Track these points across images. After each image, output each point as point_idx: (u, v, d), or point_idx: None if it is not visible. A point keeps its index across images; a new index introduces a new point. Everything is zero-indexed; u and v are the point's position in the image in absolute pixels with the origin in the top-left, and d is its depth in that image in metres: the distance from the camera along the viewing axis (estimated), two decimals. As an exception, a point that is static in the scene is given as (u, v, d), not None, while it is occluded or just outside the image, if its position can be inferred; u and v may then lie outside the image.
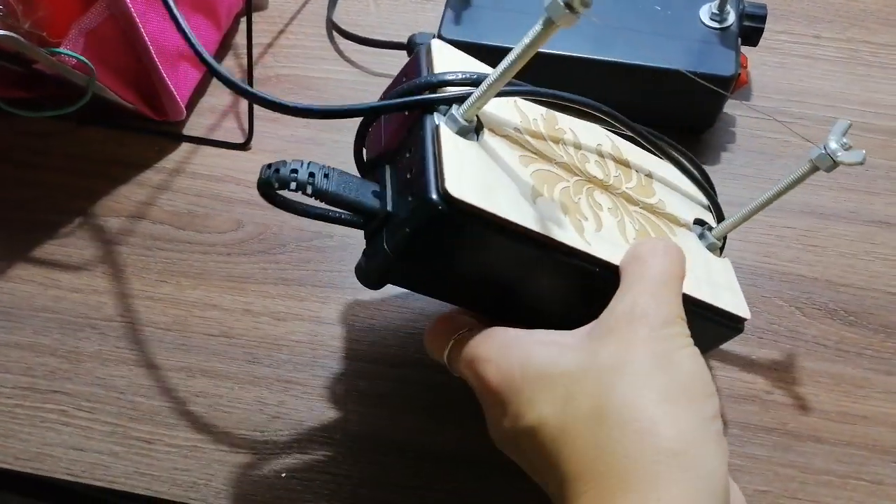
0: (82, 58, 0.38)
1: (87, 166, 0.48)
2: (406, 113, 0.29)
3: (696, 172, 0.36)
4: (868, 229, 0.44)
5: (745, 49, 0.45)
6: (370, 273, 0.29)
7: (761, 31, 0.45)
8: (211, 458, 0.38)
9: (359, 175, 0.33)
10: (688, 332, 0.27)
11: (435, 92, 0.28)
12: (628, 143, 0.37)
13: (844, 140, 0.31)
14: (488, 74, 0.27)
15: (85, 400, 0.40)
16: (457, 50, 0.33)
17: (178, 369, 0.40)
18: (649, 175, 0.36)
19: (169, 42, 0.44)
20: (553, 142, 0.32)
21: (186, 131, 0.49)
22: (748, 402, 0.38)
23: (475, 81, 0.28)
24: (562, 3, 0.23)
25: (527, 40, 0.25)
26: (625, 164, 0.35)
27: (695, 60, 0.43)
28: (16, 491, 0.51)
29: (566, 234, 0.28)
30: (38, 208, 0.46)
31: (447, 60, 0.31)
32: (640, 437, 0.24)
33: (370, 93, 0.50)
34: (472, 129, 0.28)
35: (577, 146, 0.33)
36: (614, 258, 0.29)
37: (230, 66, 0.52)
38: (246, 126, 0.48)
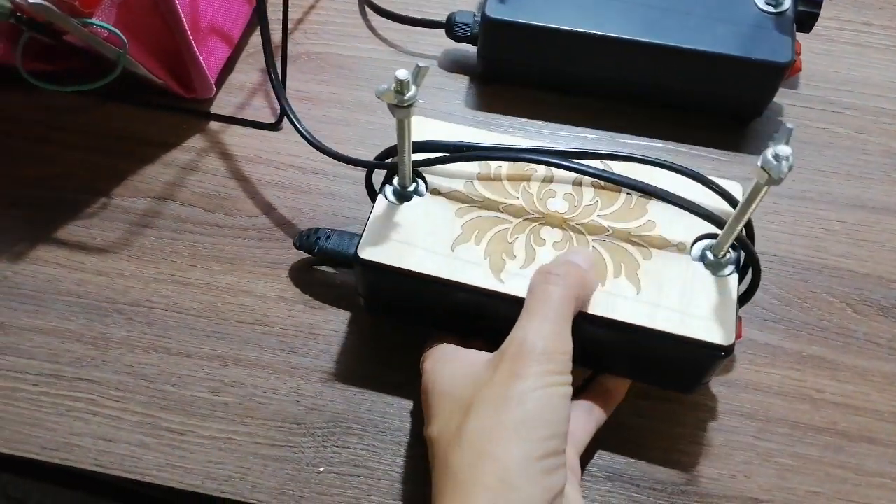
0: (115, 29, 0.37)
1: (112, 144, 0.46)
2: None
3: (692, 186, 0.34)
4: (919, 224, 0.43)
5: (798, 36, 0.44)
6: (365, 306, 0.38)
7: (817, 16, 0.43)
8: (246, 450, 0.36)
9: None
10: (562, 368, 0.29)
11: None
12: (633, 164, 0.35)
13: (778, 150, 0.27)
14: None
15: (113, 388, 0.38)
16: (430, 121, 0.38)
17: (211, 358, 0.39)
18: (649, 197, 0.35)
19: (201, 16, 0.42)
20: (513, 185, 0.36)
21: (214, 109, 0.47)
22: (799, 400, 0.37)
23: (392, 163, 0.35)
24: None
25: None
26: (611, 188, 0.35)
27: (749, 46, 0.41)
28: (35, 477, 0.50)
29: (473, 275, 0.33)
30: (60, 187, 0.44)
31: (425, 131, 0.37)
32: (472, 463, 0.27)
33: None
34: (412, 192, 0.35)
35: (548, 181, 0.36)
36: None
37: (260, 43, 0.50)
38: (277, 105, 0.46)
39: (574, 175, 0.36)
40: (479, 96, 0.48)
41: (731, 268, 0.33)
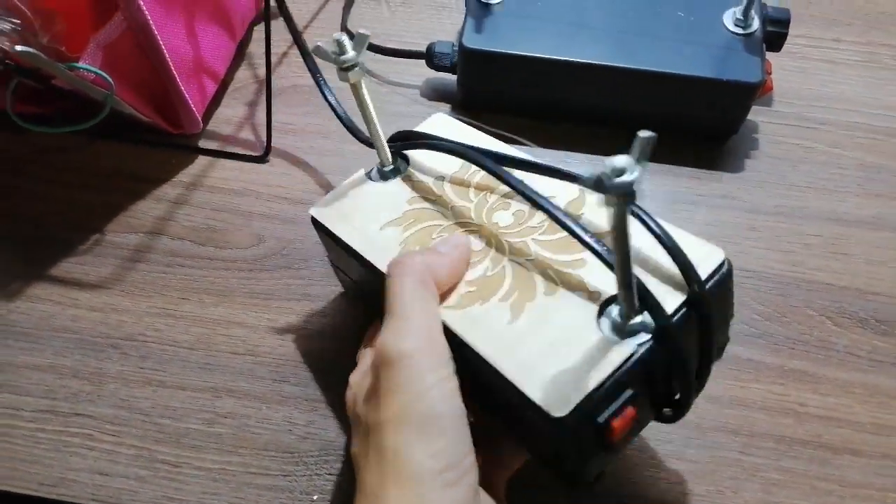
0: (101, 72, 0.38)
1: (103, 181, 0.47)
2: None
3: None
4: (895, 236, 0.44)
5: (767, 55, 0.45)
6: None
7: (785, 35, 0.44)
8: (241, 480, 0.37)
9: None
10: (439, 362, 0.27)
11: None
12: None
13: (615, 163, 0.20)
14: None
15: (109, 423, 0.39)
16: (459, 123, 0.38)
17: (204, 389, 0.40)
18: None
19: (185, 54, 0.43)
20: (475, 192, 0.35)
21: (202, 144, 0.48)
22: (782, 414, 0.38)
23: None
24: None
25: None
26: (578, 213, 0.32)
27: (720, 67, 0.43)
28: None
29: (380, 255, 0.32)
30: (53, 224, 0.45)
31: (433, 127, 0.38)
32: (379, 471, 0.26)
33: (387, 102, 0.50)
34: (391, 172, 0.37)
35: (510, 196, 0.34)
36: None
37: (245, 77, 0.51)
38: (263, 138, 0.47)
39: (546, 191, 0.31)
40: (461, 123, 0.49)
41: (639, 336, 0.26)
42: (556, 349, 0.27)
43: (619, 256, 0.24)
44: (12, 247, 0.44)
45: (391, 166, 0.37)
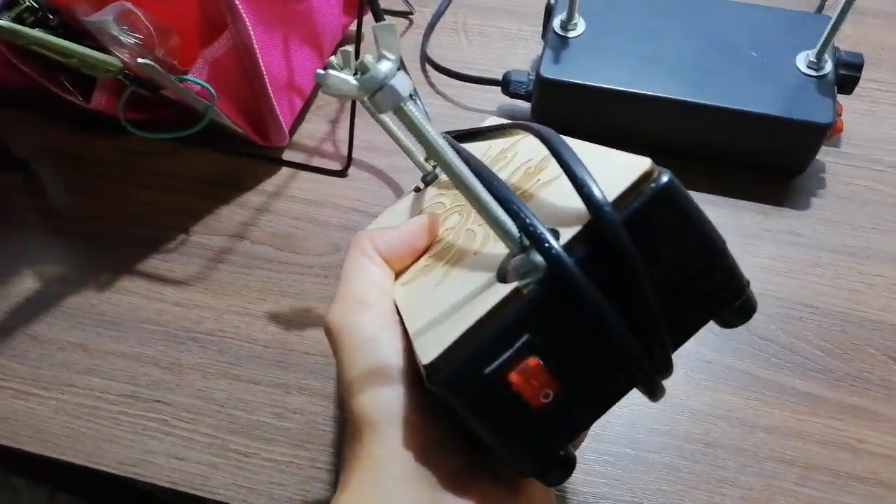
0: (207, 85, 0.41)
1: (191, 186, 0.50)
2: None
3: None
4: (961, 281, 0.44)
5: (839, 97, 0.46)
6: None
7: (857, 79, 0.45)
8: (307, 474, 0.39)
9: None
10: (376, 310, 0.27)
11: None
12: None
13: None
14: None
15: (186, 411, 0.41)
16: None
17: (276, 385, 0.42)
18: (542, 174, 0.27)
19: (279, 72, 0.46)
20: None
21: (286, 156, 0.51)
22: (840, 449, 0.38)
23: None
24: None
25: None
26: (536, 171, 0.28)
27: (791, 107, 0.44)
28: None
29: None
30: (143, 224, 0.48)
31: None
32: (351, 440, 0.26)
33: (462, 126, 0.52)
34: (430, 179, 0.40)
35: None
36: None
37: (328, 97, 0.54)
38: (344, 153, 0.50)
39: (526, 158, 0.29)
40: (531, 148, 0.51)
41: (529, 277, 0.22)
42: (454, 308, 0.24)
43: (453, 180, 0.21)
44: (105, 243, 0.48)
45: (429, 174, 0.40)
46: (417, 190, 0.40)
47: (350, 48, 0.33)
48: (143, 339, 0.44)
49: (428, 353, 0.22)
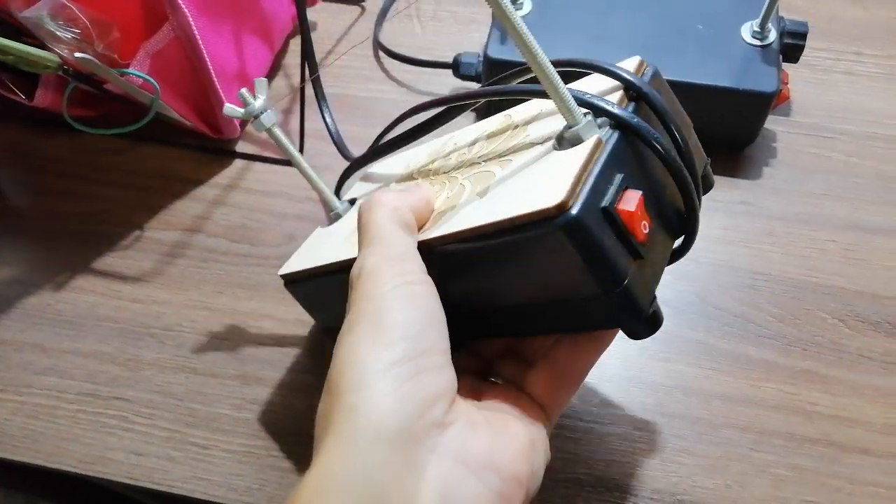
0: (148, 77, 0.41)
1: (145, 182, 0.50)
2: None
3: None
4: (912, 243, 0.44)
5: (786, 66, 0.46)
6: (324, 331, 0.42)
7: (802, 48, 0.45)
8: (264, 463, 0.39)
9: None
10: (406, 268, 0.26)
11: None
12: (532, 104, 0.33)
13: None
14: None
15: (144, 406, 0.41)
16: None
17: (234, 377, 0.42)
18: (535, 117, 0.31)
19: (227, 63, 0.46)
20: (422, 173, 0.36)
21: (239, 148, 0.51)
22: (793, 413, 0.39)
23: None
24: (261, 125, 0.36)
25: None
26: (508, 127, 0.32)
27: (737, 77, 0.44)
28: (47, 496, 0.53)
29: (347, 252, 0.33)
30: (99, 222, 0.48)
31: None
32: (319, 419, 0.24)
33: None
34: (337, 214, 0.40)
35: (449, 155, 0.34)
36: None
37: (281, 86, 0.54)
38: (297, 142, 0.50)
39: (475, 136, 0.34)
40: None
41: (599, 132, 0.26)
42: (526, 181, 0.26)
43: (527, 57, 0.24)
44: (61, 242, 0.48)
45: (338, 210, 0.40)
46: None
47: (263, 80, 0.36)
48: (101, 337, 0.44)
49: (549, 199, 0.23)
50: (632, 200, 0.24)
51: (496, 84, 0.34)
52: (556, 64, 0.27)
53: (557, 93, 0.25)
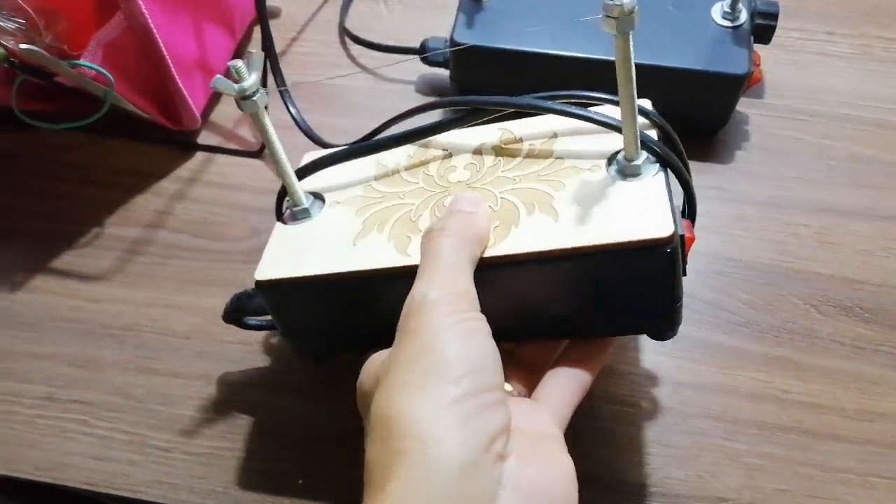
0: (101, 69, 0.39)
1: (104, 177, 0.48)
2: None
3: (591, 115, 0.31)
4: (884, 225, 0.44)
5: (758, 47, 0.45)
6: (297, 353, 0.37)
7: (773, 28, 0.44)
8: (229, 465, 0.38)
9: None
10: (467, 307, 0.26)
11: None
12: (534, 118, 0.35)
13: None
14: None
15: (104, 409, 0.40)
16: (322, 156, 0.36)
17: (197, 377, 0.41)
18: (551, 138, 0.34)
19: (185, 52, 0.45)
20: (411, 174, 0.35)
21: (201, 140, 0.49)
22: (765, 401, 0.38)
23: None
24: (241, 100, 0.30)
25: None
26: (516, 143, 0.34)
27: (708, 59, 0.43)
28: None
29: (373, 259, 0.31)
30: (56, 219, 0.47)
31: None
32: (380, 441, 0.24)
33: (384, 98, 0.51)
34: (305, 210, 0.35)
35: (446, 161, 0.35)
36: None
37: (243, 75, 0.52)
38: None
39: (475, 144, 0.35)
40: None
41: (653, 168, 0.30)
42: (612, 208, 0.29)
43: (625, 80, 0.27)
44: (16, 241, 0.46)
45: (304, 206, 0.35)
46: (286, 222, 0.35)
47: (258, 53, 0.32)
48: (58, 339, 0.42)
49: (658, 230, 0.27)
50: (688, 227, 0.30)
51: (545, 98, 0.33)
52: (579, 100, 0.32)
53: (633, 132, 0.29)
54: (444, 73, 0.50)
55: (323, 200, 0.36)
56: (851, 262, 0.42)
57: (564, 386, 0.31)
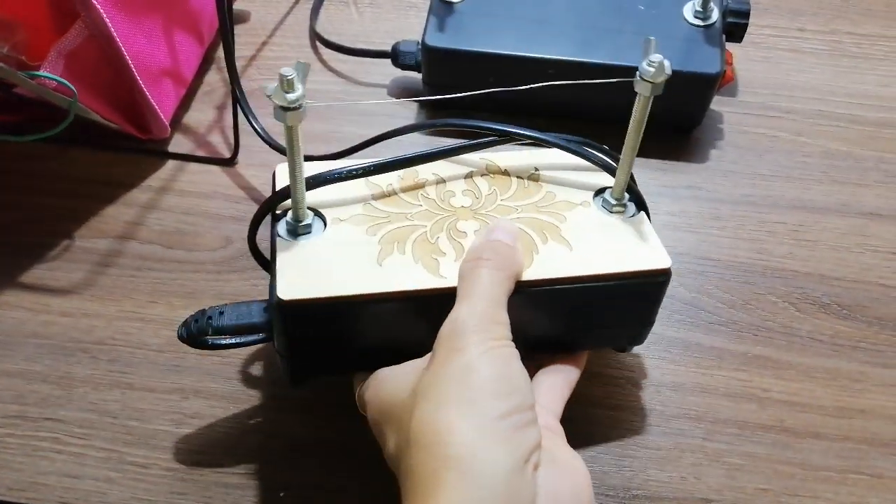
0: (62, 80, 0.38)
1: (74, 188, 0.47)
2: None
3: (563, 146, 0.36)
4: (859, 222, 0.44)
5: (730, 45, 0.45)
6: (287, 377, 0.34)
7: (745, 26, 0.45)
8: (208, 480, 0.37)
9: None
10: (502, 335, 0.28)
11: (274, 211, 0.34)
12: (511, 151, 0.38)
13: (651, 58, 0.30)
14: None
15: (78, 426, 0.39)
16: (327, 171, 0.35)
17: (172, 391, 0.40)
18: (535, 172, 0.37)
19: (151, 60, 0.44)
20: (411, 195, 0.35)
21: (172, 148, 0.49)
22: (745, 400, 0.38)
23: (286, 195, 0.32)
24: (281, 111, 0.27)
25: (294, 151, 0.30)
26: (503, 174, 0.37)
27: (680, 59, 0.43)
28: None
29: (412, 279, 0.31)
30: (24, 232, 0.46)
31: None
32: (426, 450, 0.26)
33: (356, 103, 0.50)
34: (309, 224, 0.33)
35: (442, 185, 0.36)
36: None
37: (214, 81, 0.51)
38: (232, 141, 0.47)
39: (464, 171, 0.37)
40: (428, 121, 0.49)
41: (632, 207, 0.35)
42: (613, 242, 0.33)
43: (634, 133, 0.32)
44: (-16, 255, 0.45)
45: (308, 221, 0.33)
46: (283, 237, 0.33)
47: (304, 62, 0.29)
48: (29, 355, 0.41)
49: (662, 261, 0.33)
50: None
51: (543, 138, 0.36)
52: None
53: (625, 178, 0.34)
54: (415, 76, 0.50)
55: (321, 217, 0.34)
56: (828, 258, 0.43)
57: (555, 382, 0.34)
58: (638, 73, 0.30)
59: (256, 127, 0.45)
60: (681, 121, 0.46)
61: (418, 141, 0.48)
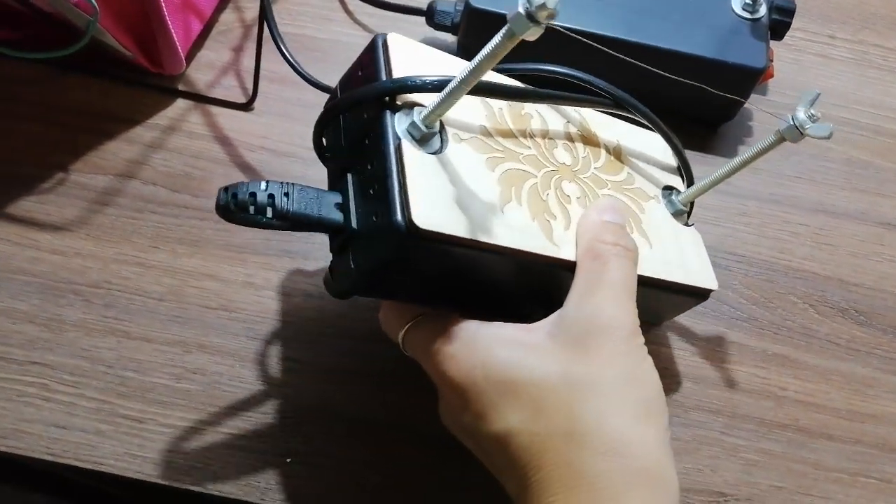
0: (85, -5, 0.35)
1: (71, 118, 0.44)
2: (364, 115, 0.28)
3: (670, 134, 0.36)
4: (877, 230, 0.44)
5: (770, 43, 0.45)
6: (339, 289, 0.29)
7: (789, 25, 0.44)
8: (209, 440, 0.35)
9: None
10: (643, 340, 0.28)
11: (393, 98, 0.28)
12: (593, 112, 0.36)
13: (812, 112, 0.31)
14: (450, 78, 0.26)
15: (68, 373, 0.36)
16: (416, 43, 0.31)
17: (173, 343, 0.37)
18: (618, 147, 0.36)
19: (173, -13, 0.41)
20: (519, 132, 0.32)
21: (182, 87, 0.45)
22: (764, 397, 0.38)
23: (437, 86, 0.27)
24: (525, 17, 0.23)
25: (488, 50, 0.25)
26: (593, 140, 0.35)
27: (725, 49, 0.42)
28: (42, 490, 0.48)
29: (534, 242, 0.28)
30: (14, 160, 0.42)
31: (406, 57, 0.30)
32: (611, 457, 0.25)
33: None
34: (436, 135, 0.28)
35: (545, 132, 0.33)
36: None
37: (231, 20, 0.48)
38: (249, 85, 0.45)
39: (564, 123, 0.34)
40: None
41: (687, 217, 0.36)
42: (678, 249, 0.34)
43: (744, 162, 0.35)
44: (-33, 180, 0.41)
45: (437, 130, 0.28)
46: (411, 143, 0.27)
47: None
48: (14, 293, 0.38)
49: (711, 282, 0.35)
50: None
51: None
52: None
53: (702, 191, 0.36)
54: (447, 36, 0.48)
55: (443, 129, 0.29)
56: (846, 264, 0.43)
57: None
58: (792, 117, 0.30)
59: (293, 61, 0.42)
60: (715, 113, 0.46)
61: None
